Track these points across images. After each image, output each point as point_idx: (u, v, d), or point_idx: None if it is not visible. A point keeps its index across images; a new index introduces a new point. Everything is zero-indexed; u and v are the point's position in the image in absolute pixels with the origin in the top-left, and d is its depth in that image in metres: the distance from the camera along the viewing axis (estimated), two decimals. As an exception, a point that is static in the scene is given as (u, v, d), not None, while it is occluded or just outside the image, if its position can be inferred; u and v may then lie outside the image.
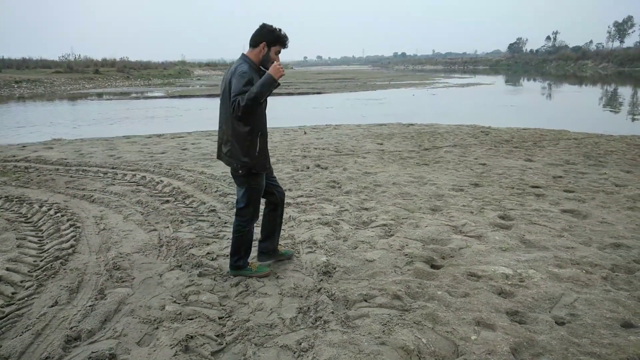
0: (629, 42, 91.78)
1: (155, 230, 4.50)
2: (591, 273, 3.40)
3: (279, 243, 3.77)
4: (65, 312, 2.97)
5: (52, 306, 3.04)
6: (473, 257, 3.71)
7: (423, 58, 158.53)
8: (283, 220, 3.95)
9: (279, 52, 3.23)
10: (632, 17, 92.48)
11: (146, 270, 3.60)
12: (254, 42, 3.20)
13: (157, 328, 2.81)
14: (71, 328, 2.77)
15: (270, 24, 3.20)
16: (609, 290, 3.13)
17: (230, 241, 3.53)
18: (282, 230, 3.90)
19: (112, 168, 7.26)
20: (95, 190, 5.95)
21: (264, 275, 3.47)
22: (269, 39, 3.17)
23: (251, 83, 3.01)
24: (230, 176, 6.39)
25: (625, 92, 27.69)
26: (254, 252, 3.64)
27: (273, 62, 3.12)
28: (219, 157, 3.42)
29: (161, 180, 6.36)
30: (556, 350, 2.49)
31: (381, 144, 9.34)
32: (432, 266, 3.63)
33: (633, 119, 14.85)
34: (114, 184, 6.25)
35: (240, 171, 3.24)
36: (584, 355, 2.44)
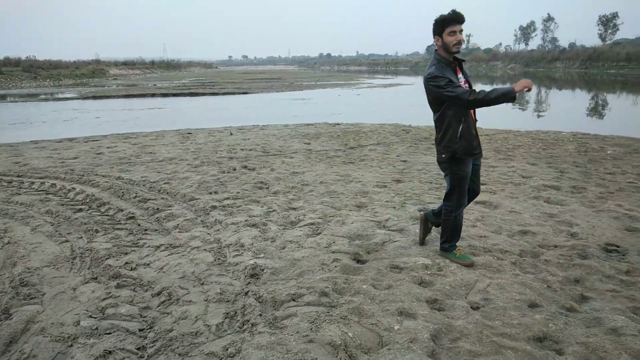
0: (533, 44, 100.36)
1: (67, 241, 4.19)
2: (502, 259, 3.66)
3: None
4: (-39, 338, 2.67)
5: (-56, 332, 2.73)
6: (396, 250, 3.85)
7: (347, 59, 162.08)
8: (210, 224, 3.81)
9: (454, 31, 3.17)
10: (534, 21, 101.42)
11: (58, 285, 3.35)
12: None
13: (71, 345, 2.62)
14: (-32, 355, 2.51)
15: (439, 15, 3.21)
16: (518, 274, 3.39)
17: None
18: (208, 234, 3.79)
19: (18, 176, 6.66)
20: (-3, 201, 5.42)
21: (466, 264, 3.53)
22: (435, 30, 3.24)
23: (447, 80, 3.17)
24: (150, 181, 6.14)
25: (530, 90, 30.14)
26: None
27: (454, 44, 3.17)
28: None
29: (73, 188, 5.93)
30: (472, 334, 2.65)
31: (308, 144, 9.41)
32: (358, 261, 3.72)
33: (538, 116, 16.22)
34: (19, 194, 5.73)
35: (443, 155, 3.40)
36: (496, 337, 2.62)
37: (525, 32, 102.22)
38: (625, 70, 50.90)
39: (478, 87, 3.69)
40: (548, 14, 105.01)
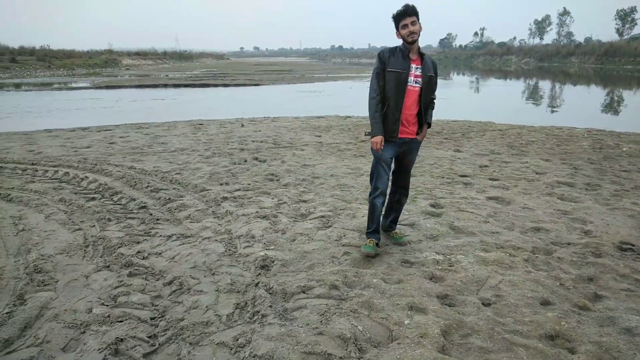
0: (548, 39, 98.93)
1: (80, 229, 4.23)
2: (514, 256, 3.63)
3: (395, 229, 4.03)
4: (-23, 322, 2.72)
5: (-39, 316, 2.78)
6: (407, 245, 3.83)
7: (359, 51, 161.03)
8: (221, 215, 3.81)
9: (406, 24, 3.34)
10: (549, 15, 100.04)
11: (71, 272, 3.39)
12: None
13: (83, 332, 2.65)
14: (-16, 339, 2.55)
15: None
16: (530, 272, 3.36)
17: None
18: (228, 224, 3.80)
19: (32, 164, 6.74)
20: (12, 188, 5.50)
21: (365, 253, 3.57)
22: (395, 25, 3.41)
23: (378, 66, 3.45)
24: (162, 171, 6.18)
25: (544, 85, 29.78)
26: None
27: (408, 36, 3.35)
28: None
29: (86, 177, 5.99)
30: (483, 330, 2.63)
31: (319, 136, 9.39)
32: (368, 255, 3.71)
33: (552, 111, 15.99)
34: (33, 181, 5.80)
35: (366, 132, 3.64)
36: (507, 334, 2.60)
37: (540, 26, 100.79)
38: (642, 66, 49.96)
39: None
40: (564, 7, 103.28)
